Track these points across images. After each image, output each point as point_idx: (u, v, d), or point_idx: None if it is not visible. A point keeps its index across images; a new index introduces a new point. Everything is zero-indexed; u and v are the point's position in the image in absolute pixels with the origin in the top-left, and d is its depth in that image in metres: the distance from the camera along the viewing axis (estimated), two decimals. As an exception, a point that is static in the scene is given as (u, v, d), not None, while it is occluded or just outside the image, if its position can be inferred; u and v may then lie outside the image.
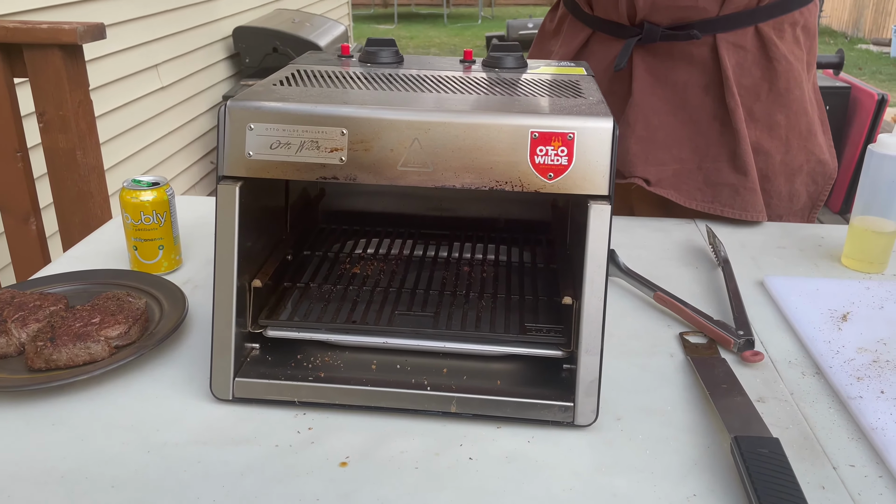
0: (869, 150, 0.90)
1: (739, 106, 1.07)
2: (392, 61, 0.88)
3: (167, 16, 3.06)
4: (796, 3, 1.07)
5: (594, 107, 0.70)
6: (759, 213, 1.08)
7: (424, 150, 0.67)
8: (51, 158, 1.54)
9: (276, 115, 0.67)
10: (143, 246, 0.89)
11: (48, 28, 1.44)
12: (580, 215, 0.69)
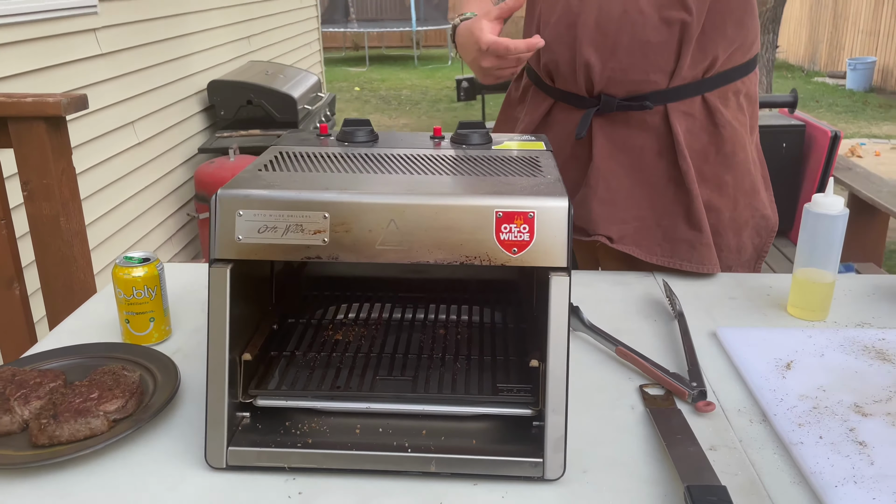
0: (805, 209, 0.98)
1: (691, 168, 1.16)
2: (367, 140, 0.95)
3: (144, 73, 3.13)
4: (738, 73, 1.17)
5: (552, 186, 0.77)
6: (714, 266, 1.16)
7: (400, 231, 0.73)
8: (35, 225, 1.58)
9: (263, 201, 0.73)
10: (134, 319, 0.94)
11: (33, 101, 1.50)
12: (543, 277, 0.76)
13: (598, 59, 1.13)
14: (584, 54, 1.13)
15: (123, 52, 2.96)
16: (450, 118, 8.78)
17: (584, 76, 1.15)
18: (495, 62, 1.05)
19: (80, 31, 2.64)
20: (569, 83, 1.18)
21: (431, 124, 8.46)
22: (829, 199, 0.96)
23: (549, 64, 1.18)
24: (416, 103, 9.99)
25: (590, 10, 1.11)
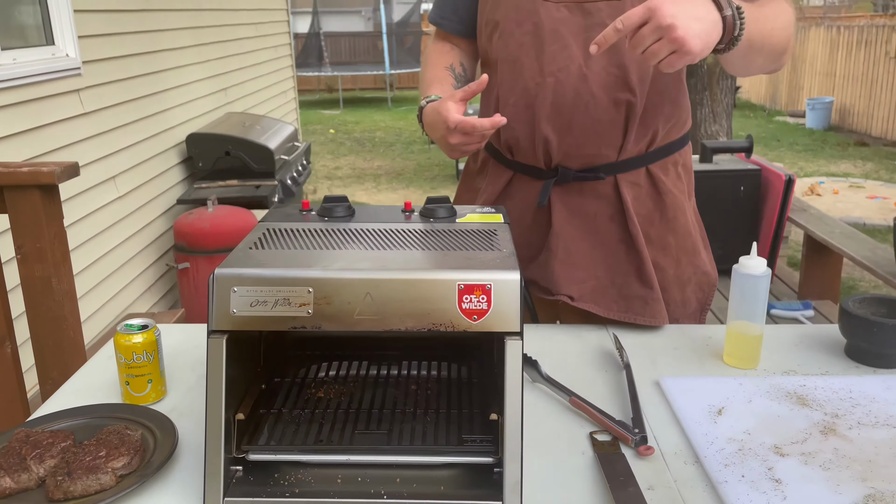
0: (734, 270, 1.11)
1: (639, 231, 1.29)
2: (345, 215, 1.07)
3: (125, 129, 3.24)
4: (675, 147, 1.31)
5: (506, 260, 0.89)
6: (663, 319, 1.28)
7: (375, 302, 0.84)
8: (27, 287, 1.67)
9: (254, 279, 0.84)
10: (134, 381, 1.03)
11: (28, 171, 1.59)
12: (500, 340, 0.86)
13: (556, 136, 1.26)
14: (542, 131, 1.26)
15: (105, 110, 3.06)
16: (423, 160, 8.95)
17: (542, 151, 1.28)
18: (462, 139, 1.17)
19: (65, 92, 2.74)
20: (528, 157, 1.31)
21: (405, 166, 8.62)
22: (753, 261, 1.09)
23: (510, 140, 1.31)
24: (390, 145, 10.16)
25: (546, 92, 1.24)
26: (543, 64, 1.23)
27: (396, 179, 7.94)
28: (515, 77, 1.26)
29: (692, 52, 0.96)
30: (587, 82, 1.22)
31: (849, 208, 6.19)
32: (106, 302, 3.03)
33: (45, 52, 2.66)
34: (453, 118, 1.15)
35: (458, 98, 1.17)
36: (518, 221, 1.33)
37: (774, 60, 1.17)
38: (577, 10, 1.22)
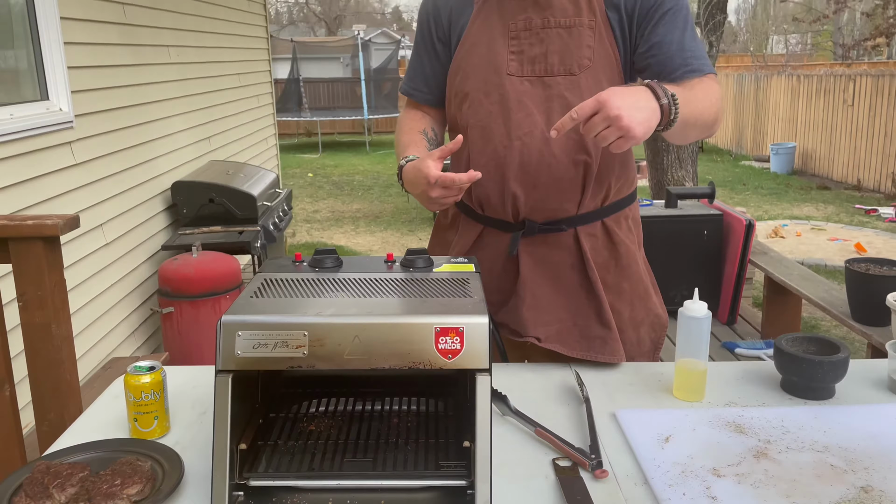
0: (679, 313, 1.25)
1: (598, 278, 1.43)
2: (334, 266, 1.20)
3: (113, 178, 3.35)
4: (625, 203, 1.47)
5: (477, 305, 1.02)
6: (620, 357, 1.42)
7: (363, 344, 0.97)
8: (28, 332, 1.76)
9: (256, 325, 0.96)
10: (141, 418, 1.14)
11: (33, 224, 1.70)
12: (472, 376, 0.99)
13: (523, 192, 1.41)
14: (511, 189, 1.41)
15: (95, 161, 3.18)
16: (401, 203, 9.12)
17: (511, 206, 1.43)
18: (442, 192, 1.30)
19: (58, 144, 2.86)
20: (498, 212, 1.45)
21: (383, 209, 8.78)
22: (695, 304, 1.24)
23: (481, 196, 1.45)
24: (368, 188, 10.33)
25: (514, 154, 1.39)
26: (511, 129, 1.39)
27: (374, 222, 8.08)
28: (486, 141, 1.41)
29: (636, 137, 1.13)
30: (550, 145, 1.37)
31: (811, 250, 6.43)
32: (92, 346, 3.10)
33: (40, 108, 2.78)
34: (434, 174, 1.28)
35: (436, 156, 1.31)
36: (489, 270, 1.47)
37: (706, 130, 1.34)
38: (538, 83, 1.38)
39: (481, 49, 1.42)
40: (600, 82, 1.37)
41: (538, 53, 1.38)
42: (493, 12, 1.42)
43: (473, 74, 1.42)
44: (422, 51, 1.54)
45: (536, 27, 1.38)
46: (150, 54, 3.80)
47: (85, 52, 3.11)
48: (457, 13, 1.47)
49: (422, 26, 1.54)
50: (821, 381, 1.26)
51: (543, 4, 1.37)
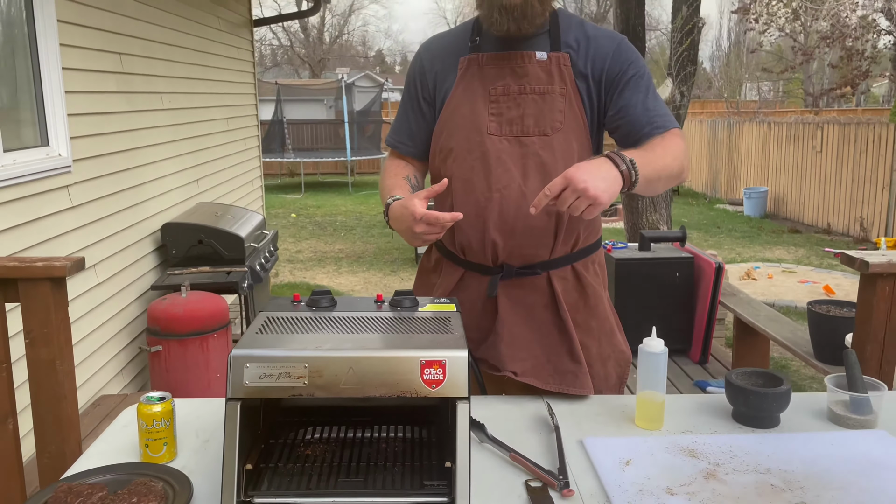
0: (640, 349, 1.39)
1: (568, 317, 1.58)
2: (329, 305, 1.33)
3: (106, 220, 3.46)
4: (592, 249, 1.63)
5: (457, 340, 1.16)
6: (589, 389, 1.55)
7: (356, 375, 1.09)
8: (33, 368, 1.86)
9: (263, 357, 1.09)
10: (152, 444, 1.25)
11: (43, 266, 1.82)
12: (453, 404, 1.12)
13: (501, 240, 1.56)
14: (491, 236, 1.56)
15: (90, 203, 3.29)
16: (383, 243, 9.25)
17: (491, 252, 1.57)
18: (427, 229, 1.43)
19: (56, 188, 2.97)
20: (478, 257, 1.60)
21: (366, 250, 8.90)
22: (653, 342, 1.38)
23: (463, 242, 1.60)
24: (350, 229, 10.46)
25: (494, 204, 1.54)
26: (491, 183, 1.54)
27: (357, 262, 8.20)
28: (468, 193, 1.56)
29: (603, 204, 1.31)
30: (525, 198, 1.53)
31: (782, 292, 6.64)
32: (81, 384, 3.17)
33: (40, 153, 2.90)
34: (419, 211, 1.42)
35: (422, 196, 1.45)
36: (469, 310, 1.60)
37: (672, 181, 1.51)
38: (515, 142, 1.54)
39: (464, 110, 1.58)
40: (570, 142, 1.54)
41: (515, 116, 1.54)
42: (475, 78, 1.58)
43: (457, 133, 1.57)
44: (408, 108, 1.70)
45: (514, 93, 1.54)
46: (143, 101, 3.95)
47: (84, 100, 3.25)
48: (442, 77, 1.63)
49: (409, 86, 1.70)
50: (766, 410, 1.40)
51: (520, 73, 1.54)
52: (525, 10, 1.47)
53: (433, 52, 1.67)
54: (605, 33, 1.58)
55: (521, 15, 1.48)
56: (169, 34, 4.37)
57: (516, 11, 1.47)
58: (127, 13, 3.75)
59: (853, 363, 1.44)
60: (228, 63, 5.69)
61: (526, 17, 1.48)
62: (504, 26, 1.50)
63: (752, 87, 26.38)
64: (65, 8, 3.08)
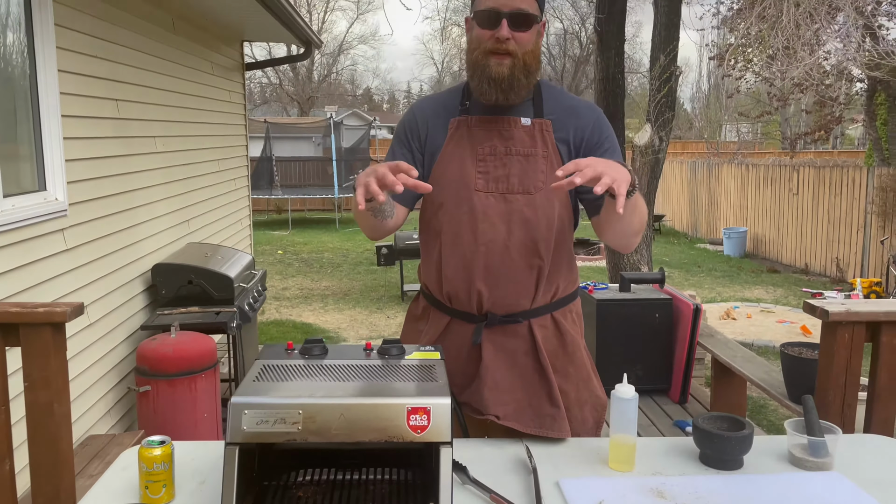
0: (612, 395, 1.49)
1: (548, 363, 1.68)
2: (321, 353, 1.42)
3: (99, 262, 3.53)
4: (570, 299, 1.73)
5: (441, 388, 1.25)
6: (567, 433, 1.65)
7: (346, 420, 1.18)
8: (31, 411, 1.92)
9: (260, 404, 1.17)
10: (152, 485, 1.32)
11: (44, 311, 1.89)
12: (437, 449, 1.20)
13: (486, 290, 1.66)
14: (476, 286, 1.66)
15: (84, 246, 3.37)
16: (370, 280, 9.33)
17: (476, 301, 1.68)
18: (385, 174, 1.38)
19: (52, 231, 3.05)
20: (464, 305, 1.70)
21: (352, 287, 8.97)
22: (624, 388, 1.47)
23: (451, 292, 1.70)
24: (337, 266, 10.54)
25: (480, 258, 1.65)
26: (477, 236, 1.65)
27: (343, 300, 8.26)
28: (455, 245, 1.67)
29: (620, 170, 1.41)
30: (509, 251, 1.64)
31: (760, 332, 6.77)
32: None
33: (38, 198, 2.99)
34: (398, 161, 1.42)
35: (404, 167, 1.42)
36: (455, 356, 1.70)
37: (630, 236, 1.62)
38: (500, 199, 1.65)
39: (454, 167, 1.69)
40: (552, 201, 1.66)
41: (501, 175, 1.66)
42: (465, 138, 1.70)
43: (447, 187, 1.68)
44: (398, 156, 1.77)
45: (500, 153, 1.66)
46: (139, 145, 4.05)
47: (81, 146, 3.35)
48: (433, 134, 1.73)
49: (401, 136, 1.79)
50: (730, 453, 1.49)
51: (506, 136, 1.67)
52: (512, 82, 1.60)
53: (426, 111, 1.77)
54: (584, 104, 1.73)
55: (508, 87, 1.61)
56: (164, 80, 4.50)
57: (504, 83, 1.60)
58: (124, 61, 3.88)
59: (810, 408, 1.54)
60: (220, 106, 5.82)
61: (513, 89, 1.61)
62: (493, 96, 1.62)
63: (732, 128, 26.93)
64: (65, 58, 3.20)
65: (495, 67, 1.60)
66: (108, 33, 3.67)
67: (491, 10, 1.59)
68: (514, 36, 1.59)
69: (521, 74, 1.60)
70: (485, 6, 1.61)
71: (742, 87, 11.59)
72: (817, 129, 12.12)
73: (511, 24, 1.58)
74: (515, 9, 1.58)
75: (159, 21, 4.45)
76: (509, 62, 1.60)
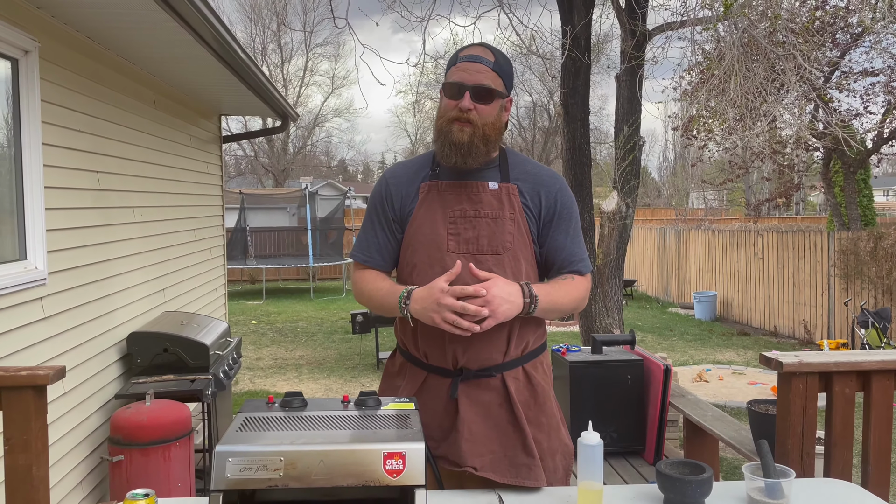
0: (579, 442, 1.56)
1: (522, 414, 1.75)
2: (300, 406, 1.48)
3: (75, 330, 3.55)
4: (539, 352, 1.84)
5: (415, 434, 1.32)
6: (543, 482, 1.71)
7: (326, 466, 1.25)
8: (10, 474, 1.93)
9: (243, 453, 1.24)
10: (136, 537, 1.36)
11: (27, 374, 1.93)
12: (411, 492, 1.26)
13: (461, 346, 1.75)
14: (452, 344, 1.75)
15: (62, 314, 3.40)
16: (344, 349, 9.31)
17: (451, 357, 1.76)
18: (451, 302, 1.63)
19: (30, 300, 3.09)
20: (440, 361, 1.78)
21: (327, 356, 8.94)
22: (589, 435, 1.55)
23: (427, 349, 1.79)
24: (311, 335, 10.50)
25: None
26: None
27: (318, 369, 8.22)
28: None
29: (496, 320, 1.66)
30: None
31: (732, 393, 6.87)
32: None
33: (18, 267, 3.03)
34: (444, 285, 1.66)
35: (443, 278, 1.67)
36: (432, 410, 1.77)
37: (563, 314, 1.80)
38: (471, 259, 1.76)
39: (426, 230, 1.80)
40: (519, 260, 1.77)
41: (471, 236, 1.77)
42: (435, 201, 1.81)
43: (420, 250, 1.79)
44: (376, 226, 1.88)
45: (470, 216, 1.78)
46: (117, 215, 4.13)
47: (62, 216, 3.42)
48: (407, 199, 1.85)
49: (375, 206, 1.90)
50: (691, 496, 1.57)
51: (475, 200, 1.79)
52: (471, 148, 1.75)
53: (398, 177, 1.89)
54: (547, 172, 1.87)
55: (467, 152, 1.75)
56: (143, 152, 4.62)
57: (463, 148, 1.74)
58: (106, 135, 3.99)
59: (765, 452, 1.63)
60: (197, 177, 5.94)
61: (471, 154, 1.75)
62: (452, 159, 1.76)
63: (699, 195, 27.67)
64: (50, 132, 3.31)
65: (457, 133, 1.75)
66: (91, 108, 3.80)
67: (456, 83, 1.75)
68: (475, 107, 1.74)
69: (479, 142, 1.75)
70: (452, 79, 1.77)
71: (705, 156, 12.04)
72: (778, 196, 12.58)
73: (474, 96, 1.74)
74: (478, 83, 1.74)
75: (140, 96, 4.60)
76: (469, 130, 1.74)
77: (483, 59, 1.76)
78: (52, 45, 3.35)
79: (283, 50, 30.22)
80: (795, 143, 9.82)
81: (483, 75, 1.74)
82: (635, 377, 4.54)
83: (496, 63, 1.77)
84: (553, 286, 1.78)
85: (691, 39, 6.65)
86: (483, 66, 1.75)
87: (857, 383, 2.11)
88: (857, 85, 9.85)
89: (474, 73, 1.74)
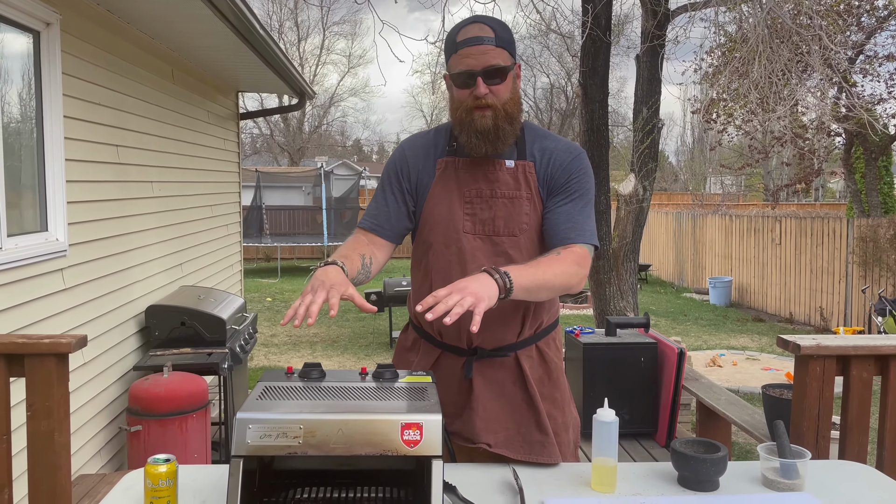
0: (594, 419, 1.57)
1: (536, 391, 1.76)
2: (319, 377, 1.50)
3: (95, 302, 3.60)
4: (551, 329, 1.83)
5: (432, 406, 1.33)
6: (557, 458, 1.72)
7: (345, 434, 1.26)
8: (32, 440, 1.97)
9: (264, 420, 1.25)
10: (156, 501, 1.38)
11: (49, 342, 1.96)
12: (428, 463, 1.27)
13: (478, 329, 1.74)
14: (466, 323, 1.74)
15: (82, 286, 3.44)
16: (358, 328, 9.37)
17: (465, 337, 1.76)
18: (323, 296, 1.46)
19: (51, 271, 3.13)
20: (454, 340, 1.78)
21: (340, 334, 9.00)
22: (604, 412, 1.56)
23: (441, 327, 1.78)
24: (325, 313, 10.53)
25: None
26: (466, 276, 1.74)
27: (331, 347, 8.28)
28: (445, 284, 1.76)
29: (483, 298, 1.45)
30: None
31: (746, 379, 6.85)
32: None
33: (40, 238, 3.07)
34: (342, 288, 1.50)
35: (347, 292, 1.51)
36: (446, 387, 1.77)
37: (558, 292, 1.67)
38: (487, 240, 1.75)
39: (442, 209, 1.78)
40: (535, 241, 1.76)
41: (488, 217, 1.75)
42: (452, 179, 1.79)
43: (436, 229, 1.78)
44: (388, 195, 1.83)
45: (486, 196, 1.76)
46: (136, 189, 4.16)
47: (82, 189, 3.45)
48: (422, 174, 1.81)
49: (390, 176, 1.85)
50: (705, 475, 1.57)
51: (491, 178, 1.76)
52: (497, 132, 1.69)
53: (416, 149, 1.85)
54: (563, 145, 1.80)
55: (495, 137, 1.69)
56: (162, 127, 4.64)
57: (490, 135, 1.69)
58: (126, 109, 4.01)
59: (781, 433, 1.63)
60: (215, 153, 5.96)
61: (500, 139, 1.70)
62: (482, 149, 1.71)
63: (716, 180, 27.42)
64: (71, 105, 3.33)
65: (479, 120, 1.68)
66: (111, 82, 3.82)
67: (465, 72, 1.68)
68: (490, 90, 1.67)
69: (504, 123, 1.70)
70: (459, 69, 1.69)
71: (724, 141, 11.91)
72: (798, 182, 12.44)
73: (486, 79, 1.67)
74: (487, 65, 1.66)
75: (160, 71, 4.61)
76: (491, 113, 1.68)
77: (484, 39, 1.67)
78: (73, 17, 3.36)
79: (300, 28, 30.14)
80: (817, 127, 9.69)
81: (489, 55, 1.66)
82: (649, 360, 4.53)
83: (497, 37, 1.68)
84: (530, 264, 1.64)
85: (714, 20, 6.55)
86: (486, 45, 1.66)
87: (874, 367, 2.10)
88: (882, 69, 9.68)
89: (480, 56, 1.66)
